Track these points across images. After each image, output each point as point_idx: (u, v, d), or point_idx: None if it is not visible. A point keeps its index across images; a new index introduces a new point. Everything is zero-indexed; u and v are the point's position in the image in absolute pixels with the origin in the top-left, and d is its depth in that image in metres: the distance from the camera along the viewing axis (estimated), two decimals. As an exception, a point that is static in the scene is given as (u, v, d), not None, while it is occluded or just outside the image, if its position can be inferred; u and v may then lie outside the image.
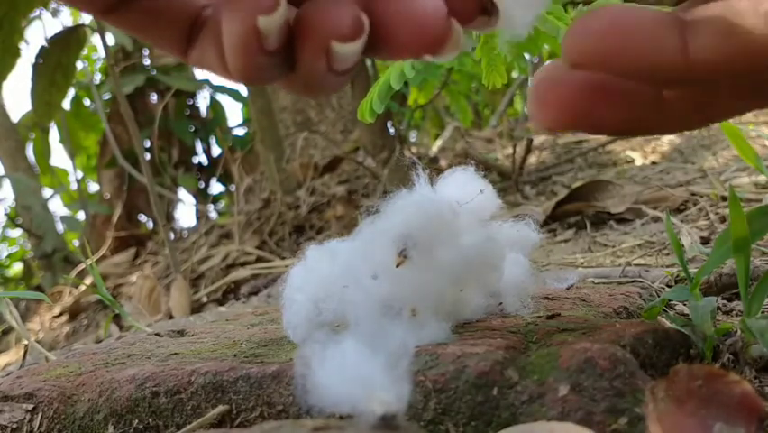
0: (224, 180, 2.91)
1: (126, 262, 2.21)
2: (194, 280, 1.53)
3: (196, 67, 0.33)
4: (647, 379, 0.32)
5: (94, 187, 3.10)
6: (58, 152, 8.77)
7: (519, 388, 0.33)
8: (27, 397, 0.43)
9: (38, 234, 2.17)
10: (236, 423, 0.38)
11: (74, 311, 1.74)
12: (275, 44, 0.28)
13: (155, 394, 0.40)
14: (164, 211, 1.90)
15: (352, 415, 0.27)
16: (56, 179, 2.88)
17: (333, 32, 0.28)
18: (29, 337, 0.70)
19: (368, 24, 0.28)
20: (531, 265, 0.46)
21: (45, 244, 2.16)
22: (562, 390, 0.32)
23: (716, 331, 0.38)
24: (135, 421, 0.40)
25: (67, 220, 2.46)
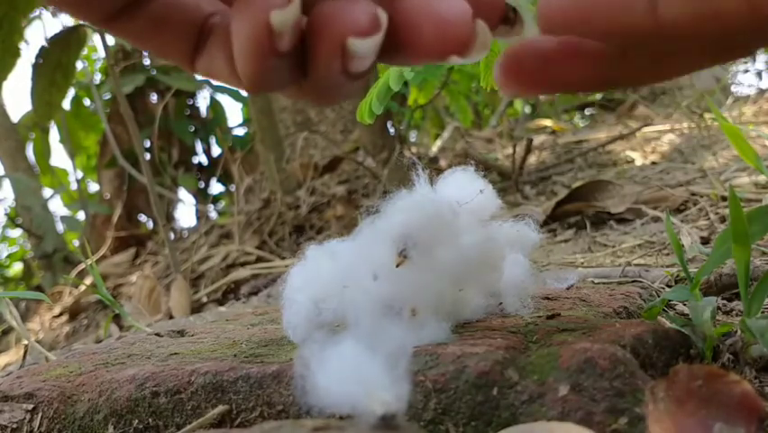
0: (223, 180, 2.91)
1: (126, 262, 2.21)
2: (194, 280, 1.53)
3: (203, 76, 0.32)
4: (647, 379, 0.32)
5: (94, 187, 3.10)
6: (58, 152, 8.77)
7: (519, 388, 0.33)
8: (27, 397, 0.43)
9: (38, 234, 2.17)
10: (236, 423, 0.38)
11: (74, 311, 1.74)
12: (287, 45, 0.27)
13: (155, 394, 0.40)
14: (164, 211, 1.90)
15: (352, 415, 0.27)
16: (56, 179, 2.88)
17: (350, 26, 0.27)
18: (29, 337, 0.70)
19: (386, 20, 0.27)
20: (531, 265, 0.46)
21: (45, 244, 2.16)
22: (562, 390, 0.32)
23: (716, 331, 0.38)
24: (135, 421, 0.40)
25: (67, 220, 2.46)
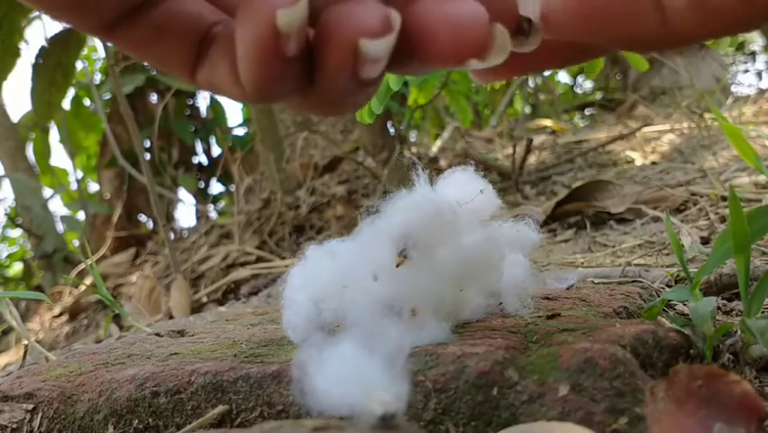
0: (224, 180, 2.91)
1: (126, 262, 2.21)
2: (194, 280, 1.53)
3: (203, 87, 0.31)
4: (647, 379, 0.32)
5: (94, 187, 3.10)
6: (58, 152, 8.77)
7: (519, 388, 0.33)
8: (27, 397, 0.43)
9: (38, 234, 2.17)
10: (236, 423, 0.38)
11: (74, 311, 1.74)
12: (293, 49, 0.26)
13: (155, 394, 0.40)
14: (164, 211, 1.90)
15: (352, 416, 0.27)
16: (56, 179, 2.88)
17: (362, 27, 0.26)
18: (29, 337, 0.70)
19: (399, 21, 0.26)
20: (531, 265, 0.46)
21: (45, 244, 2.16)
22: (562, 390, 0.32)
23: (716, 331, 0.38)
24: (135, 421, 0.40)
25: (67, 220, 2.46)
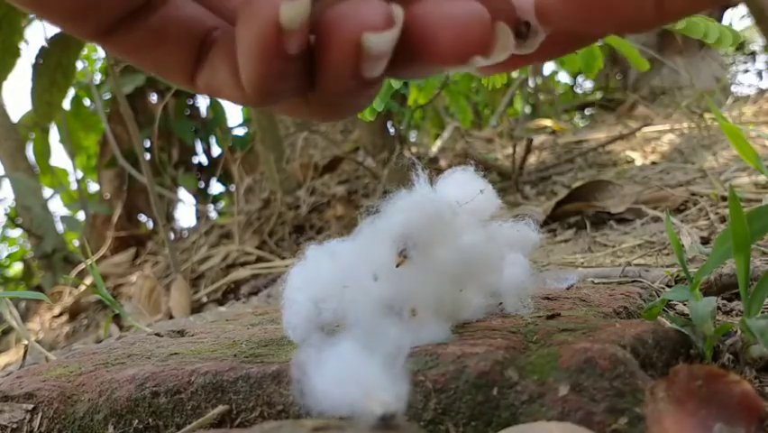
0: (224, 180, 2.91)
1: (126, 262, 2.21)
2: (194, 280, 1.53)
3: (203, 92, 0.30)
4: (647, 379, 0.32)
5: (94, 187, 3.10)
6: (58, 152, 8.77)
7: (519, 388, 0.33)
8: (27, 397, 0.43)
9: (38, 234, 2.17)
10: (236, 423, 0.38)
11: (74, 311, 1.74)
12: (296, 47, 0.26)
13: (155, 394, 0.40)
14: (164, 211, 1.90)
15: (352, 416, 0.27)
16: (56, 179, 2.88)
17: (365, 22, 0.25)
18: (29, 337, 0.70)
19: (402, 16, 0.26)
20: (531, 265, 0.46)
21: (45, 244, 2.16)
22: (562, 390, 0.32)
23: (716, 331, 0.38)
24: (135, 421, 0.40)
25: (67, 220, 2.46)
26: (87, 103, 2.81)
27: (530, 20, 0.29)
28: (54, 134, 4.91)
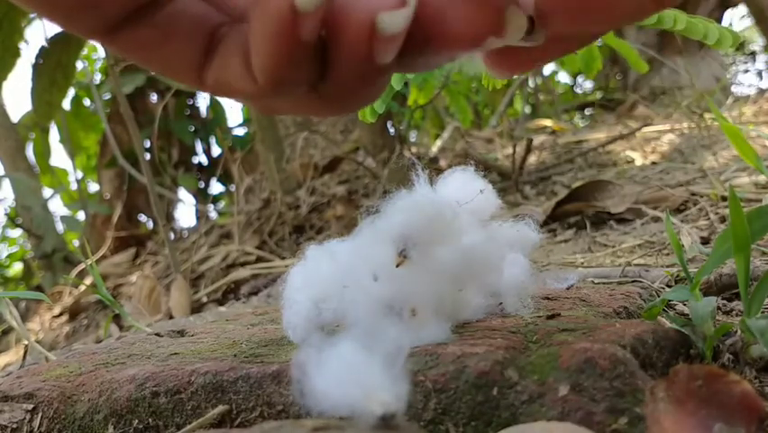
0: (224, 180, 2.91)
1: (126, 262, 2.21)
2: (194, 280, 1.53)
3: (211, 89, 0.30)
4: (647, 379, 0.32)
5: (94, 187, 3.10)
6: (58, 152, 8.76)
7: (519, 388, 0.33)
8: (27, 397, 0.43)
9: (38, 234, 2.17)
10: (236, 423, 0.38)
11: (74, 311, 1.74)
12: (310, 32, 0.26)
13: (155, 394, 0.40)
14: (164, 211, 1.90)
15: (352, 416, 0.27)
16: (56, 179, 2.88)
17: (380, 1, 0.25)
18: (29, 337, 0.70)
19: None
20: (531, 265, 0.46)
21: (45, 244, 2.16)
22: (562, 390, 0.32)
23: (716, 331, 0.38)
24: (135, 421, 0.40)
25: (67, 220, 2.46)
26: (87, 103, 2.81)
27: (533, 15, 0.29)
28: (54, 134, 4.92)
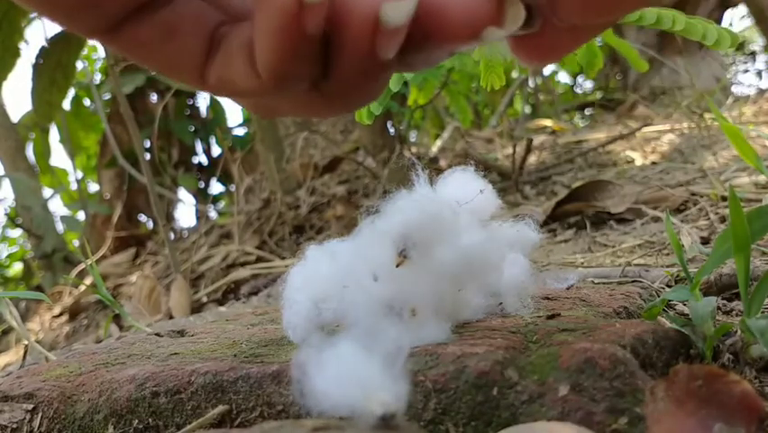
0: (224, 180, 2.91)
1: (126, 262, 2.21)
2: (194, 280, 1.53)
3: (213, 88, 0.30)
4: (647, 379, 0.32)
5: (94, 187, 3.10)
6: (58, 152, 8.76)
7: (519, 388, 0.33)
8: (27, 397, 0.43)
9: (38, 234, 2.17)
10: (236, 423, 0.38)
11: (74, 311, 1.74)
12: (315, 26, 0.26)
13: (155, 394, 0.40)
14: (164, 211, 1.90)
15: (352, 416, 0.27)
16: (56, 179, 2.88)
17: None
18: (29, 337, 0.70)
19: None
20: (531, 265, 0.46)
21: (45, 244, 2.16)
22: (562, 390, 0.32)
23: (716, 331, 0.38)
24: (135, 421, 0.40)
25: (67, 220, 2.46)
26: (87, 103, 2.81)
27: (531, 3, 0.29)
28: (54, 134, 4.91)
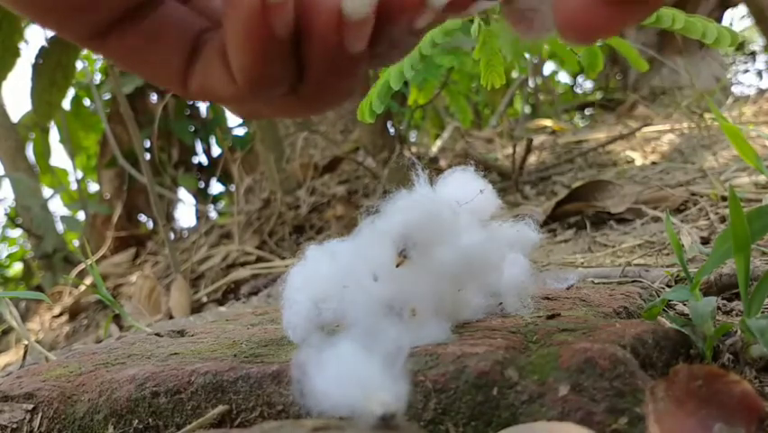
0: (223, 180, 2.91)
1: (126, 262, 2.21)
2: (194, 280, 1.53)
3: (196, 96, 0.30)
4: (647, 379, 0.32)
5: (94, 187, 3.10)
6: (58, 152, 8.77)
7: (519, 388, 0.33)
8: (27, 397, 0.43)
9: (38, 234, 2.17)
10: (236, 423, 0.38)
11: (74, 311, 1.74)
12: (283, 26, 0.26)
13: (155, 394, 0.40)
14: (164, 211, 1.90)
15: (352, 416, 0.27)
16: (56, 179, 2.88)
17: None
18: (29, 337, 0.70)
19: None
20: (531, 265, 0.46)
21: (45, 244, 2.16)
22: (562, 390, 0.32)
23: (716, 331, 0.38)
24: (135, 421, 0.40)
25: (67, 220, 2.46)
26: (87, 103, 2.81)
27: None
28: (54, 134, 4.91)
